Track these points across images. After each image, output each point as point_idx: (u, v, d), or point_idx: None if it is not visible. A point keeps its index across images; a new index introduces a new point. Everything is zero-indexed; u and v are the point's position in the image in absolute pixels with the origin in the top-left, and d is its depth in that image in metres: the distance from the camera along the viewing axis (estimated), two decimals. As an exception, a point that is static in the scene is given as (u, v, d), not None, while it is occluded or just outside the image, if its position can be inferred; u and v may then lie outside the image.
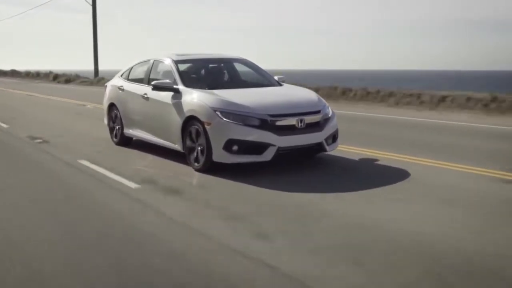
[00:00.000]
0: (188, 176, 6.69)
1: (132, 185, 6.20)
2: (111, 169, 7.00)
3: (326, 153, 7.24)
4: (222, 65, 8.54)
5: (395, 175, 6.52)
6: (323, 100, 7.45)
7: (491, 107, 13.26)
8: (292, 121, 6.68)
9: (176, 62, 7.91)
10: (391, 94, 16.07)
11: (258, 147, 6.52)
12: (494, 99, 13.46)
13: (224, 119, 6.56)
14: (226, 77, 8.32)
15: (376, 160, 7.47)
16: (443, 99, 14.53)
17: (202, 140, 6.75)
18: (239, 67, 8.74)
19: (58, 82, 34.65)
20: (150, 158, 7.93)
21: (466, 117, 12.55)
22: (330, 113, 7.24)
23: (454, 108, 13.89)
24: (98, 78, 31.89)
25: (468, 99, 13.96)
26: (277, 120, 6.60)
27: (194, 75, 7.99)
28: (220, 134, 6.55)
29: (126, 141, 8.98)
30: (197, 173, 6.81)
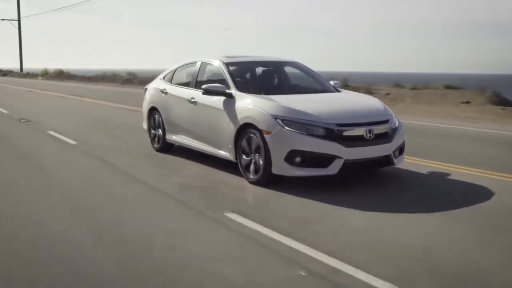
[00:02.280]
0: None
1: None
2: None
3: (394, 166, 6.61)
4: (274, 68, 7.96)
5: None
6: (389, 109, 6.83)
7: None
8: (360, 131, 6.06)
9: (227, 65, 7.35)
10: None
11: (323, 159, 5.91)
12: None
13: (286, 127, 5.97)
14: (280, 81, 7.74)
15: (448, 174, 6.82)
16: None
17: (259, 150, 6.17)
18: (289, 71, 8.16)
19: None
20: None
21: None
22: (397, 123, 6.62)
23: None
24: (23, 74, 54.66)
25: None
26: (345, 130, 5.99)
27: (246, 79, 7.43)
28: (282, 144, 5.96)
29: (167, 148, 8.44)
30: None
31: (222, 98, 6.90)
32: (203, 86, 7.11)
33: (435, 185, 6.34)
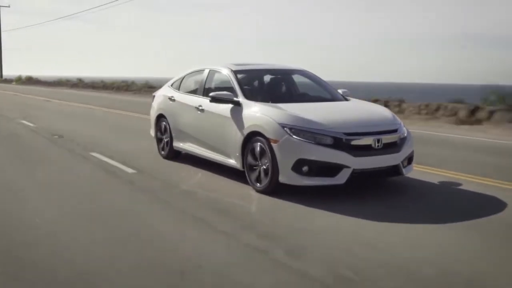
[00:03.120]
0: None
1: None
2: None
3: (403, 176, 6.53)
4: (282, 76, 7.92)
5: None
6: (398, 118, 6.76)
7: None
8: (369, 140, 6.00)
9: (235, 73, 7.32)
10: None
11: (331, 169, 5.85)
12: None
13: (294, 136, 5.92)
14: (288, 89, 7.70)
15: (459, 184, 6.74)
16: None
17: (266, 158, 6.12)
18: (298, 79, 8.12)
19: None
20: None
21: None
22: (406, 132, 6.55)
23: None
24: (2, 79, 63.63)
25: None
26: (353, 139, 5.93)
27: (254, 87, 7.40)
28: (289, 153, 5.91)
29: (174, 155, 8.42)
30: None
31: (230, 106, 6.87)
32: (211, 94, 7.09)
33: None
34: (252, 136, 6.37)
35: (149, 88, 31.64)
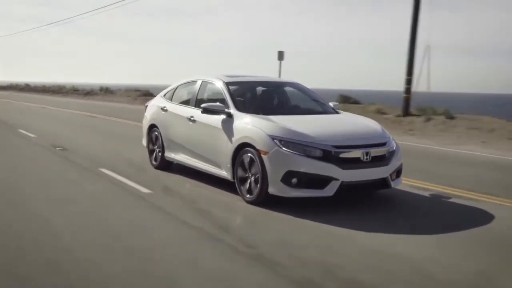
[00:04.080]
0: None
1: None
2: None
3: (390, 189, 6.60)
4: (274, 88, 8.01)
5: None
6: (387, 132, 6.85)
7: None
8: (357, 153, 6.08)
9: (227, 84, 7.40)
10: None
11: (320, 181, 5.92)
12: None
13: (284, 148, 5.99)
14: (279, 102, 7.77)
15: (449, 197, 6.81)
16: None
17: (256, 170, 6.18)
18: (290, 91, 8.20)
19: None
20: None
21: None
22: (395, 145, 6.63)
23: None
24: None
25: None
26: (342, 152, 6.00)
27: (245, 99, 7.46)
28: (279, 164, 5.97)
29: (166, 165, 8.45)
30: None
31: (221, 117, 6.93)
32: (202, 105, 7.16)
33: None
34: (242, 148, 6.43)
35: (74, 91, 44.91)
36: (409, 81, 17.19)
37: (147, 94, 32.95)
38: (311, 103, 7.90)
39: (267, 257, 4.41)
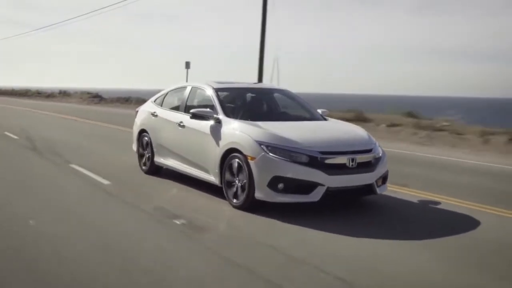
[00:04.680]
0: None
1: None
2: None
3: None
4: (263, 95, 8.10)
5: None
6: (373, 138, 6.94)
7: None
8: (343, 159, 6.15)
9: (217, 90, 7.47)
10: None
11: (306, 187, 5.99)
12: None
13: (270, 154, 6.06)
14: (268, 108, 7.87)
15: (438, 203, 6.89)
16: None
17: (243, 175, 6.24)
18: (280, 98, 8.29)
19: None
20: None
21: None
22: (381, 152, 6.71)
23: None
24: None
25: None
26: (328, 158, 6.08)
27: (234, 105, 7.53)
28: (265, 170, 6.04)
29: (155, 170, 8.50)
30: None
31: (210, 122, 7.00)
32: (191, 111, 7.24)
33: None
34: (230, 153, 6.49)
35: (38, 94, 50.67)
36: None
37: (96, 96, 40.58)
38: (299, 109, 7.99)
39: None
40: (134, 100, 34.45)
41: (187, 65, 29.37)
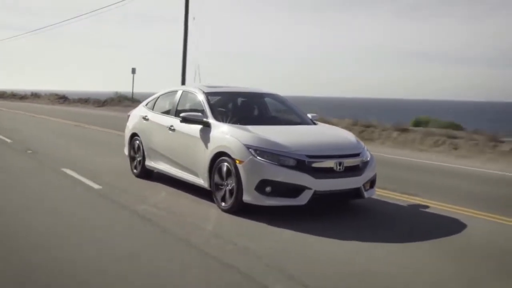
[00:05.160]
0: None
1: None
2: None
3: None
4: (253, 99, 8.15)
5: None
6: (362, 143, 6.99)
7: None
8: (330, 163, 6.20)
9: (207, 95, 7.53)
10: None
11: (293, 190, 6.04)
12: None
13: (258, 157, 6.11)
14: (257, 112, 7.92)
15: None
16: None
17: (232, 178, 6.29)
18: (270, 103, 8.35)
19: None
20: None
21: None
22: (369, 156, 6.77)
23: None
24: None
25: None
26: (315, 162, 6.13)
27: (224, 109, 7.57)
28: (253, 173, 6.08)
29: (147, 174, 8.54)
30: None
31: (200, 126, 7.04)
32: (181, 114, 7.27)
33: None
34: (219, 156, 6.54)
35: (13, 95, 52.76)
36: None
37: (62, 97, 45.06)
38: (289, 114, 8.05)
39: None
40: (92, 101, 39.61)
41: (133, 70, 34.94)
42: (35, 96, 49.99)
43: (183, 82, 27.38)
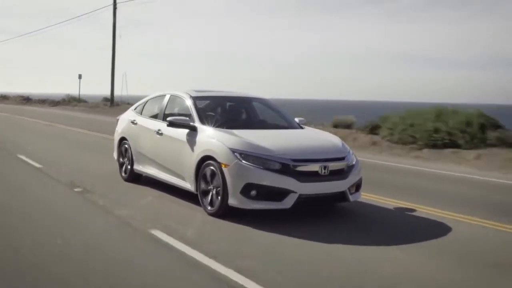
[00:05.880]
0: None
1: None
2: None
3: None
4: (241, 104, 8.20)
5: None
6: (347, 147, 7.05)
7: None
8: (315, 167, 6.25)
9: (194, 99, 7.57)
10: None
11: (278, 194, 6.08)
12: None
13: (243, 161, 6.15)
14: (244, 116, 7.96)
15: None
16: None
17: (217, 182, 6.32)
18: (258, 107, 8.39)
19: None
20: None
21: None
22: (355, 160, 6.82)
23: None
24: None
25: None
26: (300, 166, 6.18)
27: (212, 113, 7.61)
28: (238, 177, 6.12)
29: (135, 178, 8.56)
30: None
31: (186, 130, 7.08)
32: (168, 119, 7.31)
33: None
34: (205, 160, 6.57)
35: None
36: (112, 91, 37.20)
37: (25, 99, 50.33)
38: (276, 118, 8.08)
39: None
40: (48, 101, 45.52)
41: (79, 76, 41.93)
42: (4, 98, 55.78)
43: (112, 88, 36.55)
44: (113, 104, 35.50)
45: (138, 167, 8.36)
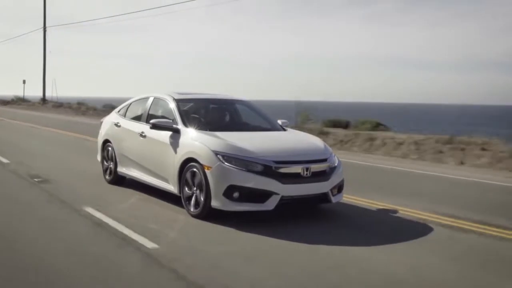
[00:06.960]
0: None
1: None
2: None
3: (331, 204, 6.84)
4: (224, 106, 8.23)
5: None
6: (330, 148, 7.11)
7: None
8: (297, 169, 6.31)
9: (177, 101, 7.58)
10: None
11: (261, 195, 6.12)
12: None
13: (226, 163, 6.18)
14: (228, 118, 7.99)
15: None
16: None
17: (200, 184, 6.35)
18: (241, 109, 8.42)
19: None
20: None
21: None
22: (337, 162, 6.88)
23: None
24: None
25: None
26: (282, 167, 6.23)
27: (195, 115, 7.62)
28: (221, 179, 6.15)
29: (119, 180, 8.55)
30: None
31: (169, 133, 7.09)
32: (151, 121, 7.32)
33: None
34: (188, 162, 6.59)
35: None
36: (44, 93, 47.82)
37: (4, 102, 53.17)
38: (260, 120, 8.13)
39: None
40: (0, 101, 51.85)
41: (24, 81, 49.52)
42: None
43: (44, 91, 47.21)
44: (45, 103, 45.47)
45: (121, 169, 8.35)
